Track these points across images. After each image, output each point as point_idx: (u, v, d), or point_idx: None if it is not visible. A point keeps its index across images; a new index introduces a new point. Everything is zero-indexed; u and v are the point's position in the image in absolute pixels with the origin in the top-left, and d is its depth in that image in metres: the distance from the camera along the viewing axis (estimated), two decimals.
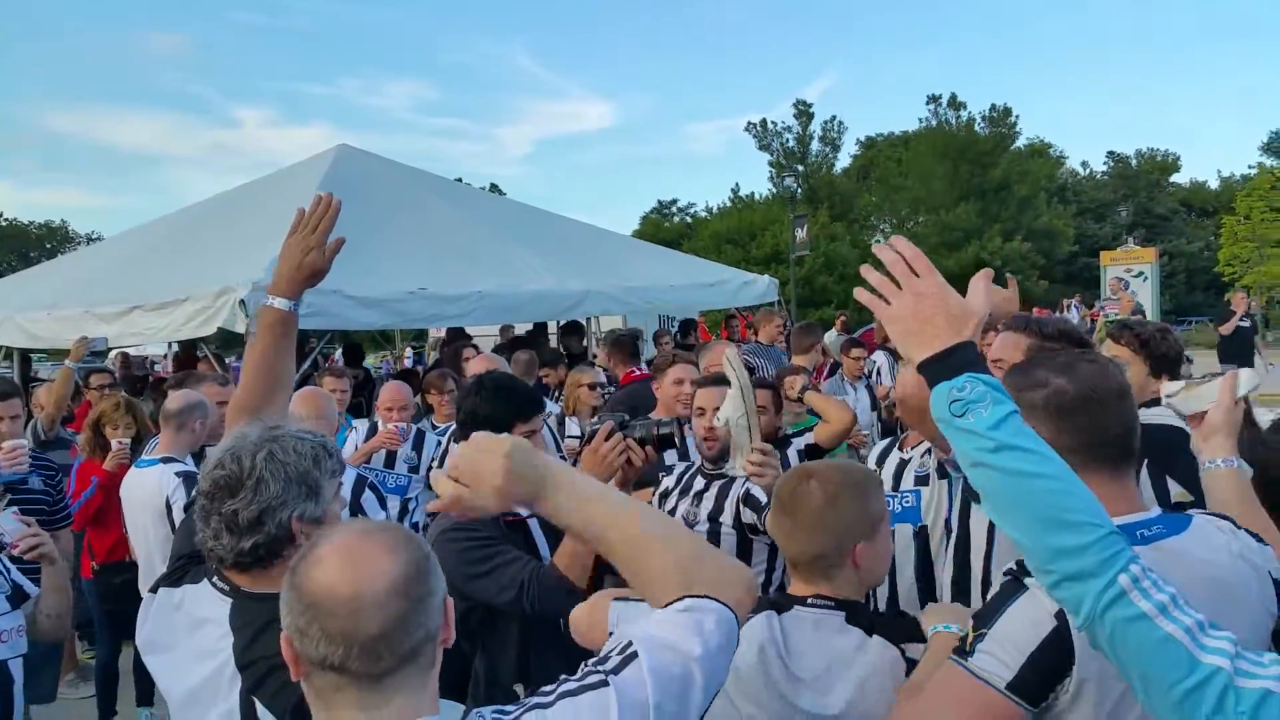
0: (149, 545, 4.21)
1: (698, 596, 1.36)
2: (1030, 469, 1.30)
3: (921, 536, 3.44)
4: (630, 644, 1.27)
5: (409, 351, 17.51)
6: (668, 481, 3.56)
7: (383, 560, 1.23)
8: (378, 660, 1.20)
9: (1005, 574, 1.57)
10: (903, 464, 3.60)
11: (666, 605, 1.36)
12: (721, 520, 3.26)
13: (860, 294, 1.54)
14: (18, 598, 2.99)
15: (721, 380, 3.51)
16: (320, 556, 1.24)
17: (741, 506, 3.20)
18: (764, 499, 3.03)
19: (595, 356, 9.53)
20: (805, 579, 2.01)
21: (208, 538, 1.85)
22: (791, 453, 4.28)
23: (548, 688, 1.25)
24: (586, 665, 1.27)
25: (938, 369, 1.39)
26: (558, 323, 11.71)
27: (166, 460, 4.24)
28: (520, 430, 2.69)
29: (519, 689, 2.58)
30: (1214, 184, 52.19)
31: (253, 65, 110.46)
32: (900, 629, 1.94)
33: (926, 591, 3.35)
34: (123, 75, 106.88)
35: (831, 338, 11.96)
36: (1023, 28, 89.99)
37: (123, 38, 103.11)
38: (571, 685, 1.24)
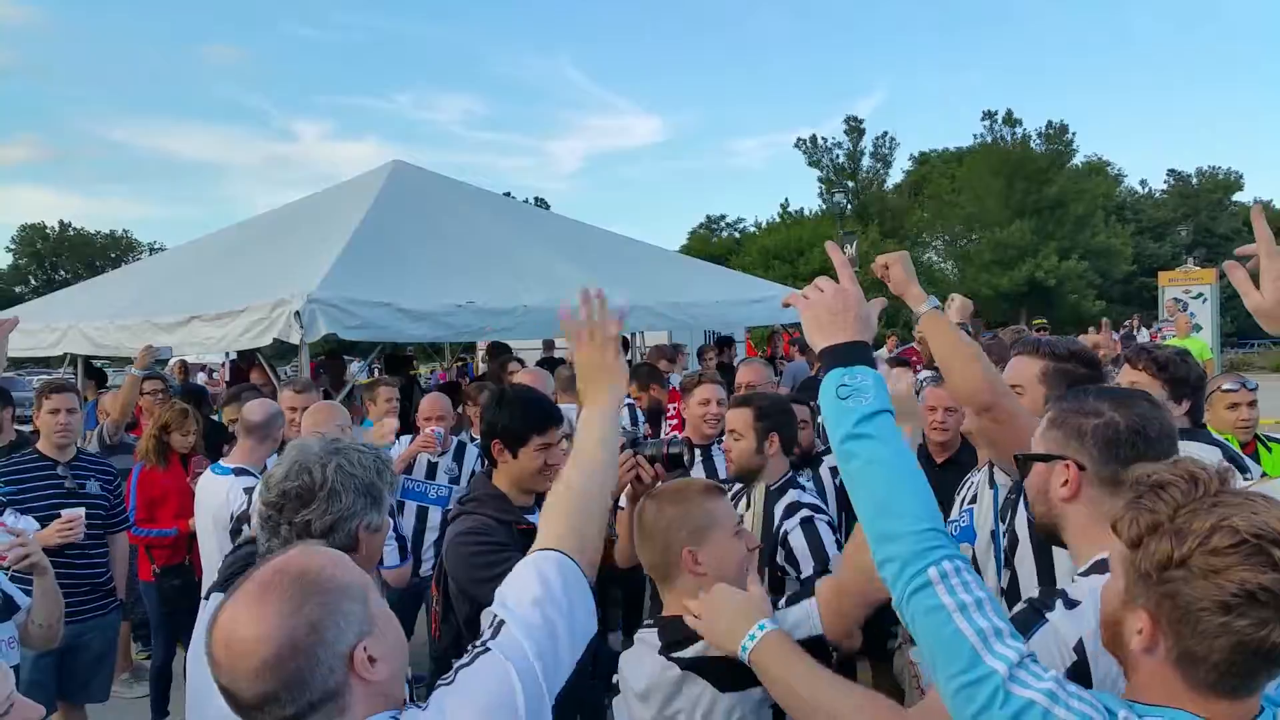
0: (210, 552, 4.25)
1: (545, 549, 1.55)
2: (881, 458, 1.46)
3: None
4: (495, 615, 1.44)
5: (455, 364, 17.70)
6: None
7: (259, 631, 1.23)
8: (261, 717, 1.25)
9: (1025, 602, 1.69)
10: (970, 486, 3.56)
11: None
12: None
13: (790, 296, 1.76)
14: (9, 609, 2.95)
15: (752, 400, 3.71)
16: (221, 613, 1.28)
17: (778, 546, 3.31)
18: (800, 543, 3.23)
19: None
20: (661, 593, 2.17)
21: (275, 547, 1.90)
22: (824, 470, 4.27)
23: (448, 673, 1.38)
24: (470, 647, 1.41)
25: (838, 356, 1.56)
26: None
27: (239, 472, 4.27)
28: (537, 442, 2.83)
29: None
30: (1279, 204, 50.87)
31: (309, 79, 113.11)
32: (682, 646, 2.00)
33: None
34: (183, 87, 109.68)
35: (882, 356, 11.88)
36: (1080, 44, 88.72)
37: (182, 50, 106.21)
38: (465, 660, 1.38)
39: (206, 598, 2.20)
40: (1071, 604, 1.60)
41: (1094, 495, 1.70)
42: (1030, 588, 2.56)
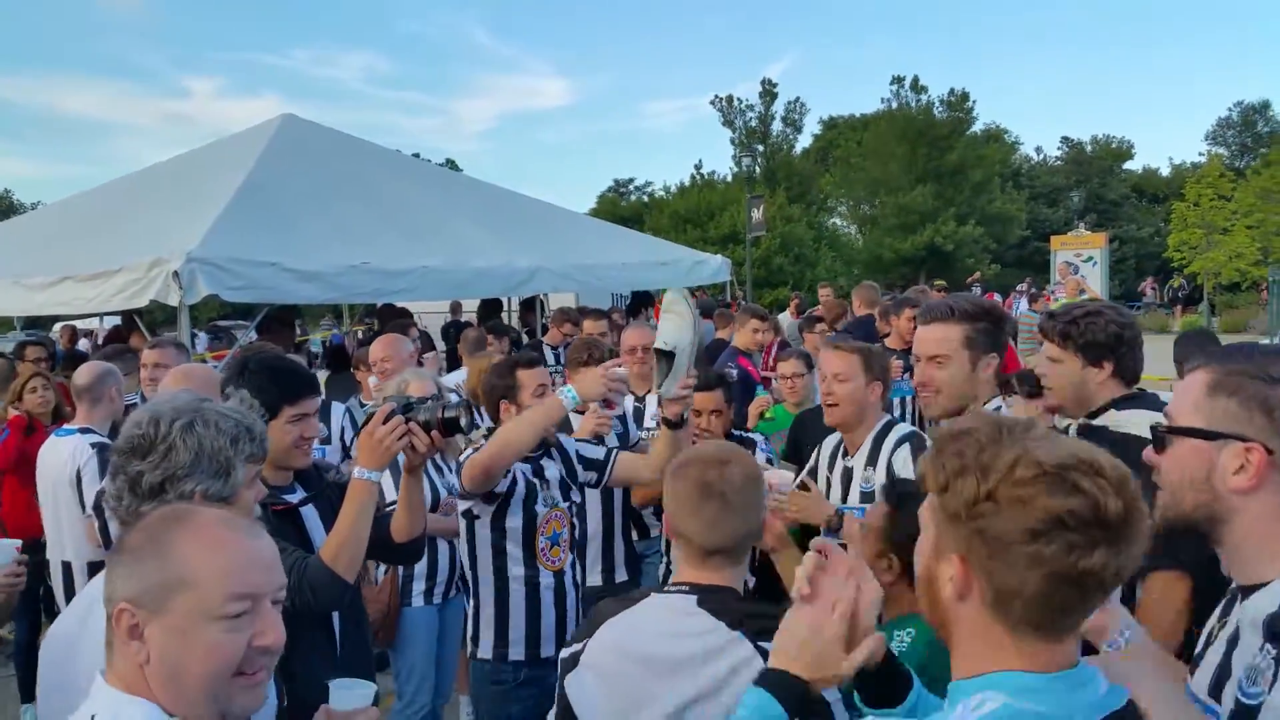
0: (57, 515, 4.19)
1: None
2: None
3: None
4: None
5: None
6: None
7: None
8: None
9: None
10: (849, 473, 3.48)
11: None
12: None
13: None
14: None
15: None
16: None
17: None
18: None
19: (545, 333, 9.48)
20: (706, 568, 1.94)
21: (111, 495, 1.86)
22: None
23: None
24: None
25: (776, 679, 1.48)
26: (507, 299, 11.62)
27: (84, 431, 4.20)
28: (289, 413, 2.56)
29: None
30: (1165, 171, 53.04)
31: (203, 33, 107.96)
32: (759, 619, 1.84)
33: None
34: (71, 41, 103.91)
35: (786, 320, 11.98)
36: (981, 12, 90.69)
37: (71, 1, 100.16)
38: None
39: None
40: None
41: (1278, 483, 1.44)
42: None
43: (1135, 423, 2.42)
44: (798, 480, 3.36)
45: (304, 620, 2.37)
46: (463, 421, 2.28)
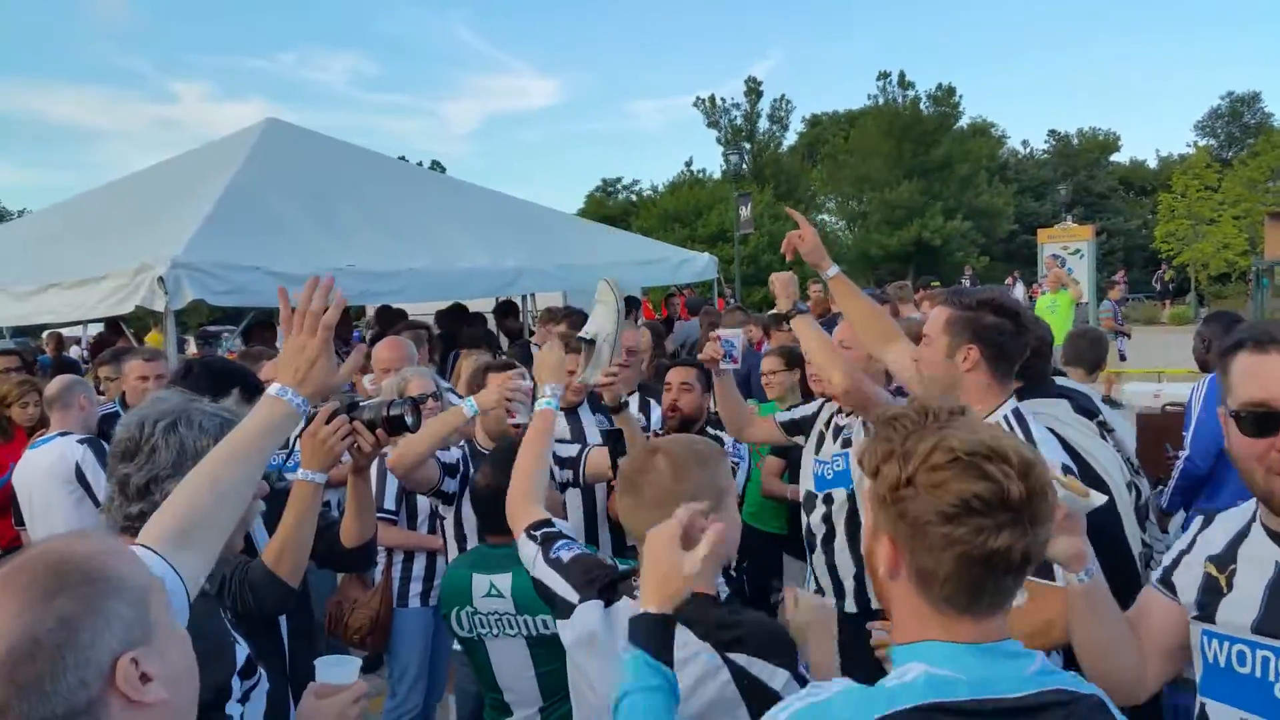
0: (51, 518, 4.15)
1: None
2: None
3: (854, 501, 3.39)
4: None
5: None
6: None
7: None
8: None
9: None
10: (839, 428, 3.59)
11: None
12: None
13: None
14: None
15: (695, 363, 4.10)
16: None
17: None
18: None
19: (533, 335, 9.50)
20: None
21: (106, 499, 1.93)
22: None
23: None
24: None
25: (634, 626, 1.58)
26: (495, 301, 11.63)
27: (64, 434, 4.25)
28: None
29: None
30: (1152, 163, 53.33)
31: (189, 37, 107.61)
32: (730, 629, 1.78)
33: (859, 559, 3.34)
34: (56, 47, 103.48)
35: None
36: (968, 6, 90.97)
37: (56, 6, 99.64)
38: None
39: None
40: None
41: None
42: None
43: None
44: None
45: (253, 629, 2.33)
46: (409, 420, 2.27)
